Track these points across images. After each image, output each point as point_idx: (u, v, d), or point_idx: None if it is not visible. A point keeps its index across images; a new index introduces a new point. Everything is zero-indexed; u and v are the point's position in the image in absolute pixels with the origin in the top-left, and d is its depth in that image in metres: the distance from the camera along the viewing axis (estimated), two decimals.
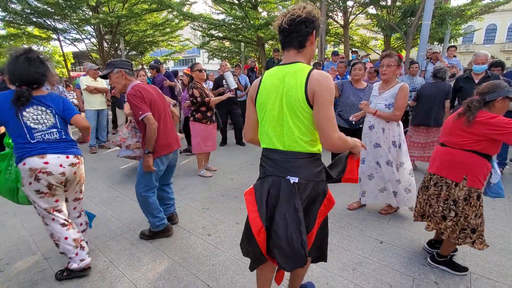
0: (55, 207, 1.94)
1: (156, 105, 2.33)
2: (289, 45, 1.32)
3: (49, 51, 18.53)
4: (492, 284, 1.94)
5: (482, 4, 9.65)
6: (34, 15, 11.22)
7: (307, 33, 1.28)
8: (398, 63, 2.51)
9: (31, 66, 1.81)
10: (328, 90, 1.22)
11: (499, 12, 13.42)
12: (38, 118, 1.86)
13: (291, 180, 1.30)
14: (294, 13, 1.25)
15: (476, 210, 1.90)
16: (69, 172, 1.94)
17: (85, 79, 5.41)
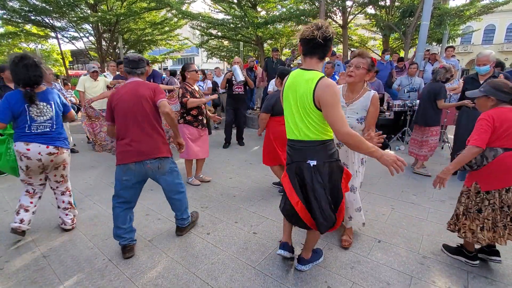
0: (27, 180, 2.50)
1: (120, 108, 2.15)
2: (314, 55, 1.63)
3: (47, 49, 18.46)
4: (490, 282, 1.96)
5: (481, 5, 9.68)
6: (32, 13, 11.16)
7: (329, 48, 1.64)
8: (369, 68, 2.05)
9: (29, 70, 2.22)
10: (331, 95, 1.52)
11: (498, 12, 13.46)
12: (40, 112, 2.33)
13: (311, 164, 1.67)
14: (327, 31, 1.56)
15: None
16: (46, 160, 2.38)
17: (85, 79, 5.42)
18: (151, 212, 3.00)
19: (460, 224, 2.09)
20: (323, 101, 1.54)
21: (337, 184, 1.76)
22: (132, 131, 2.14)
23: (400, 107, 5.29)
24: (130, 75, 2.25)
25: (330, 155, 1.70)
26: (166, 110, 2.14)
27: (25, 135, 2.30)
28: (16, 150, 2.33)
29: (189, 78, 3.54)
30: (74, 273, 2.08)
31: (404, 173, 4.13)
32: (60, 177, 2.59)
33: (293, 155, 1.78)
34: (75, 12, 11.61)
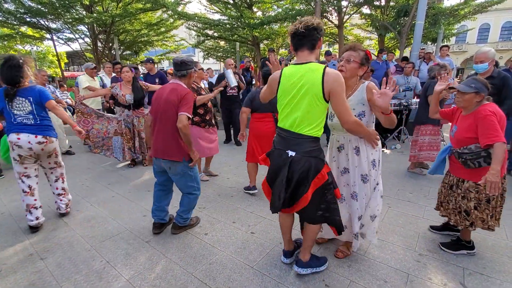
0: (24, 173, 2.64)
1: (154, 105, 2.41)
2: (303, 46, 1.66)
3: (42, 50, 18.34)
4: (485, 279, 1.98)
5: (475, 4, 9.77)
6: (27, 15, 11.08)
7: (317, 38, 1.65)
8: (362, 62, 1.87)
9: (11, 71, 2.46)
10: (341, 84, 1.58)
11: (492, 11, 13.59)
12: (19, 107, 2.55)
13: (289, 154, 1.71)
14: (308, 21, 1.60)
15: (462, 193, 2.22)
16: (36, 148, 2.59)
17: (84, 78, 5.42)
18: (148, 213, 2.99)
19: (473, 217, 2.14)
20: (334, 91, 1.57)
21: (308, 181, 1.70)
22: (157, 129, 2.37)
23: (396, 106, 5.33)
24: (173, 76, 2.45)
25: (310, 151, 1.70)
26: (179, 126, 2.23)
27: (14, 126, 2.56)
28: (9, 141, 2.57)
29: (196, 77, 3.48)
30: (72, 275, 2.07)
31: (400, 172, 4.15)
32: (54, 164, 2.83)
33: (277, 141, 1.83)
34: (70, 14, 11.54)
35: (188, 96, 2.30)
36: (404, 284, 1.93)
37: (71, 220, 2.88)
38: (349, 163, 2.03)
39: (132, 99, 4.13)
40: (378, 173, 2.05)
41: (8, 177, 4.17)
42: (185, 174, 2.42)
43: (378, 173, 2.05)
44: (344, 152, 2.04)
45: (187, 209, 2.56)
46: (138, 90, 4.18)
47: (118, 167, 4.57)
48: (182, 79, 2.41)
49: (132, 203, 3.25)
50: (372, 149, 1.98)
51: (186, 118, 2.24)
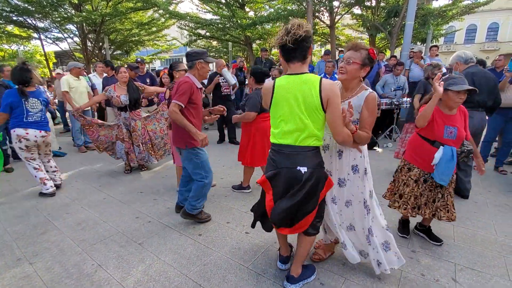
0: (30, 157, 3.41)
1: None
2: (294, 59, 1.59)
3: (29, 50, 17.92)
4: (476, 274, 2.02)
5: (463, 5, 9.99)
6: (14, 14, 10.80)
7: (308, 47, 1.58)
8: (364, 62, 1.73)
9: (23, 73, 3.22)
10: (337, 95, 1.56)
11: (479, 12, 13.91)
12: (33, 106, 3.32)
13: (302, 170, 1.61)
14: (296, 33, 1.49)
15: (405, 180, 2.32)
16: (40, 141, 3.40)
17: (67, 79, 5.20)
18: (141, 215, 2.95)
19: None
20: (332, 102, 1.54)
21: (317, 194, 1.67)
22: None
23: (388, 105, 5.39)
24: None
25: (319, 163, 1.68)
26: (168, 113, 2.43)
27: (23, 123, 3.25)
28: (16, 135, 3.23)
29: (178, 78, 3.42)
30: (62, 279, 2.02)
31: (392, 170, 4.20)
32: (48, 151, 3.66)
33: (278, 161, 1.67)
34: (59, 12, 11.31)
35: (182, 85, 2.40)
36: (398, 281, 1.95)
37: (61, 223, 2.81)
38: (332, 166, 1.92)
39: (127, 100, 3.93)
40: (364, 184, 1.87)
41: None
42: (191, 160, 2.56)
43: (364, 184, 1.87)
44: (328, 154, 1.93)
45: (195, 196, 2.62)
46: (134, 90, 4.00)
47: (108, 169, 4.49)
48: (191, 71, 2.52)
49: (124, 205, 3.20)
50: (356, 154, 1.85)
51: (174, 105, 2.35)
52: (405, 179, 2.32)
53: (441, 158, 2.08)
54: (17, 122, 3.21)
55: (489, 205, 3.09)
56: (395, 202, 2.39)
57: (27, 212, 3.08)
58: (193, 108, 2.50)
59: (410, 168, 2.31)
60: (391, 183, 2.49)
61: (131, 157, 4.14)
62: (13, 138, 3.25)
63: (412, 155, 2.30)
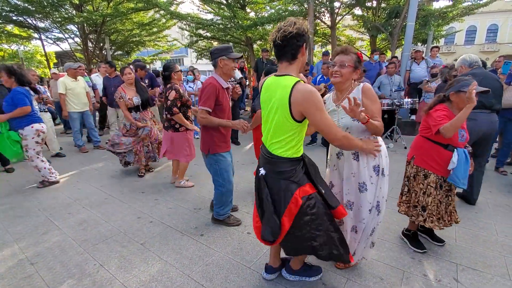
0: (40, 151, 3.71)
1: None
2: (282, 58, 1.50)
3: (30, 50, 17.92)
4: (478, 274, 2.02)
5: (463, 7, 10.00)
6: (14, 13, 10.79)
7: (299, 46, 1.45)
8: (356, 65, 1.75)
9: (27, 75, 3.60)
10: (314, 103, 1.40)
11: (479, 14, 13.94)
12: (34, 103, 3.66)
13: (260, 172, 1.61)
14: (286, 29, 1.40)
15: (424, 188, 2.16)
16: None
17: (64, 80, 5.16)
18: (143, 215, 2.95)
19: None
20: (307, 112, 1.41)
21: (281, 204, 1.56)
22: None
23: (389, 106, 5.40)
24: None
25: (281, 172, 1.55)
26: (197, 118, 2.44)
27: (37, 118, 3.62)
28: (35, 129, 3.55)
29: (176, 79, 3.42)
30: (64, 279, 2.02)
31: (393, 171, 4.20)
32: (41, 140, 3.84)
33: (260, 159, 1.72)
34: (59, 13, 11.30)
35: (206, 89, 2.34)
36: (400, 281, 1.95)
37: (62, 223, 2.81)
38: (349, 171, 1.86)
39: (139, 101, 3.86)
40: (384, 181, 1.83)
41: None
42: (211, 166, 2.58)
43: (384, 181, 1.83)
44: (344, 159, 1.88)
45: (218, 203, 2.65)
46: (143, 90, 3.93)
47: (110, 169, 4.49)
48: (215, 70, 2.45)
49: (125, 205, 3.20)
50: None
51: (201, 112, 2.34)
52: (424, 187, 2.15)
53: (458, 161, 2.02)
54: (33, 118, 3.54)
55: (490, 206, 3.09)
56: (419, 216, 2.18)
57: (28, 212, 3.08)
58: (218, 109, 2.42)
59: (426, 175, 2.15)
60: (405, 194, 2.31)
61: (138, 158, 4.04)
62: (31, 134, 3.51)
63: (425, 160, 2.15)
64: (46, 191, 3.66)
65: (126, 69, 3.82)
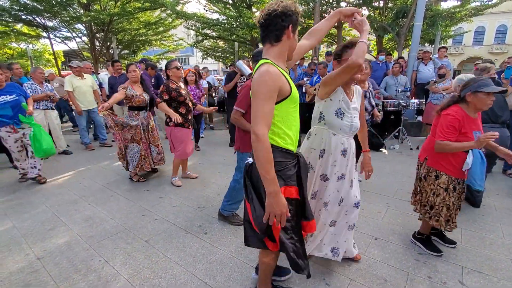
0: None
1: None
2: (265, 39, 1.35)
3: (38, 49, 18.16)
4: (483, 277, 2.00)
5: (472, 7, 9.87)
6: (23, 12, 10.97)
7: (283, 27, 1.29)
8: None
9: None
10: (256, 84, 1.25)
11: (487, 14, 13.73)
12: None
13: (249, 161, 1.45)
14: (270, 7, 1.28)
15: (434, 189, 2.13)
16: None
17: (70, 79, 5.24)
18: (147, 213, 2.98)
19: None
20: (252, 93, 1.28)
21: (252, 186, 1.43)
22: None
23: (395, 106, 5.36)
24: None
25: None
26: (231, 118, 2.46)
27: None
28: None
29: (172, 76, 3.49)
30: (70, 274, 2.05)
31: (399, 172, 4.17)
32: None
33: None
34: (68, 12, 11.44)
35: (242, 90, 2.41)
36: (404, 283, 1.93)
37: (68, 220, 2.85)
38: (347, 169, 1.87)
39: (148, 99, 3.76)
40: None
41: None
42: (238, 162, 2.62)
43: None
44: (347, 157, 1.85)
45: (227, 196, 2.70)
46: (148, 89, 3.85)
47: (115, 166, 4.53)
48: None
49: (130, 202, 3.23)
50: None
51: (235, 112, 2.38)
52: (434, 188, 2.13)
53: (473, 162, 1.98)
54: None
55: (497, 208, 3.05)
56: (426, 213, 2.20)
57: (35, 208, 3.13)
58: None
59: (437, 176, 2.11)
60: (417, 194, 2.30)
61: (145, 162, 3.78)
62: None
63: (438, 162, 2.09)
64: (53, 187, 3.71)
65: (131, 66, 3.71)
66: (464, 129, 1.97)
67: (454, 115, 1.96)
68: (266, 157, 1.23)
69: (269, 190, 1.26)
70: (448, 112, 2.00)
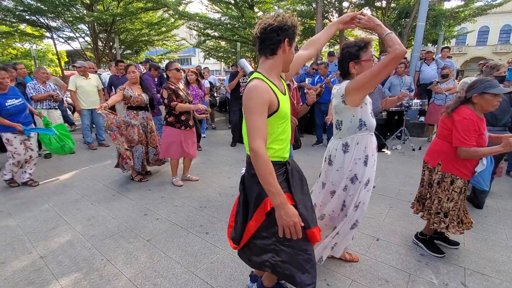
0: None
1: None
2: (261, 52, 1.35)
3: (42, 49, 18.29)
4: (486, 279, 1.98)
5: (475, 7, 9.81)
6: (26, 13, 11.05)
7: (279, 41, 1.29)
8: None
9: None
10: (246, 101, 1.26)
11: (491, 14, 13.65)
12: None
13: (242, 171, 1.44)
14: (266, 22, 1.28)
15: (449, 194, 2.06)
16: None
17: (74, 78, 5.31)
18: (149, 212, 2.99)
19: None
20: (243, 106, 1.29)
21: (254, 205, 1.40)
22: None
23: (398, 107, 5.34)
24: None
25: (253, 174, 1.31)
26: None
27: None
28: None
29: (171, 77, 3.47)
30: (72, 273, 2.06)
31: (401, 172, 4.16)
32: None
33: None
34: (71, 12, 11.52)
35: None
36: (406, 284, 1.92)
37: (71, 219, 2.87)
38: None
39: (147, 99, 3.75)
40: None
41: None
42: None
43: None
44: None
45: None
46: (147, 89, 3.84)
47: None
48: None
49: (132, 202, 3.24)
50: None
51: None
52: (448, 193, 2.06)
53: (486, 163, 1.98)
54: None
55: (500, 210, 3.03)
56: (441, 223, 2.11)
57: (38, 207, 3.15)
58: None
59: (453, 181, 2.04)
60: (426, 201, 2.22)
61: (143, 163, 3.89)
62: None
63: (455, 167, 2.02)
64: (56, 187, 3.74)
65: (130, 67, 3.69)
66: (480, 130, 1.93)
67: (471, 118, 1.91)
68: (267, 170, 1.22)
69: (275, 203, 1.24)
70: (464, 116, 1.92)
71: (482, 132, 1.95)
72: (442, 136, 2.09)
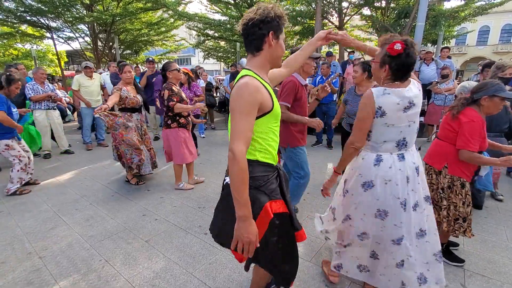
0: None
1: None
2: (247, 49, 1.26)
3: (42, 49, 18.30)
4: (486, 280, 1.98)
5: (476, 6, 9.79)
6: (27, 13, 11.07)
7: (263, 35, 1.19)
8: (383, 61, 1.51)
9: None
10: (233, 99, 1.17)
11: (492, 13, 13.60)
12: None
13: (225, 180, 1.34)
14: (247, 17, 1.19)
15: (463, 198, 1.99)
16: None
17: (78, 78, 5.35)
18: (148, 213, 2.98)
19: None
20: (230, 105, 1.19)
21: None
22: None
23: None
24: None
25: (253, 178, 1.24)
26: None
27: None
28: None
29: (172, 78, 3.38)
30: (71, 274, 2.06)
31: None
32: None
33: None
34: (71, 12, 11.53)
35: (287, 85, 2.45)
36: None
37: (69, 219, 2.87)
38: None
39: (141, 100, 3.69)
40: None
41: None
42: (291, 159, 2.63)
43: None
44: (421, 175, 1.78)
45: (294, 196, 2.70)
46: (141, 90, 3.78)
47: (117, 166, 4.55)
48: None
49: (131, 202, 3.24)
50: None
51: (282, 107, 2.36)
52: (463, 197, 1.99)
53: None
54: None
55: (501, 211, 3.02)
56: (460, 227, 2.02)
57: (37, 207, 3.15)
58: (297, 105, 2.52)
59: (463, 184, 1.99)
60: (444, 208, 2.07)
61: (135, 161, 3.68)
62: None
63: (462, 170, 1.98)
64: (55, 187, 3.73)
65: (126, 67, 3.55)
66: (483, 133, 1.91)
67: (478, 121, 1.87)
68: (240, 178, 1.13)
69: (239, 214, 1.14)
70: (472, 118, 1.87)
71: (485, 136, 1.93)
72: (447, 138, 2.01)
